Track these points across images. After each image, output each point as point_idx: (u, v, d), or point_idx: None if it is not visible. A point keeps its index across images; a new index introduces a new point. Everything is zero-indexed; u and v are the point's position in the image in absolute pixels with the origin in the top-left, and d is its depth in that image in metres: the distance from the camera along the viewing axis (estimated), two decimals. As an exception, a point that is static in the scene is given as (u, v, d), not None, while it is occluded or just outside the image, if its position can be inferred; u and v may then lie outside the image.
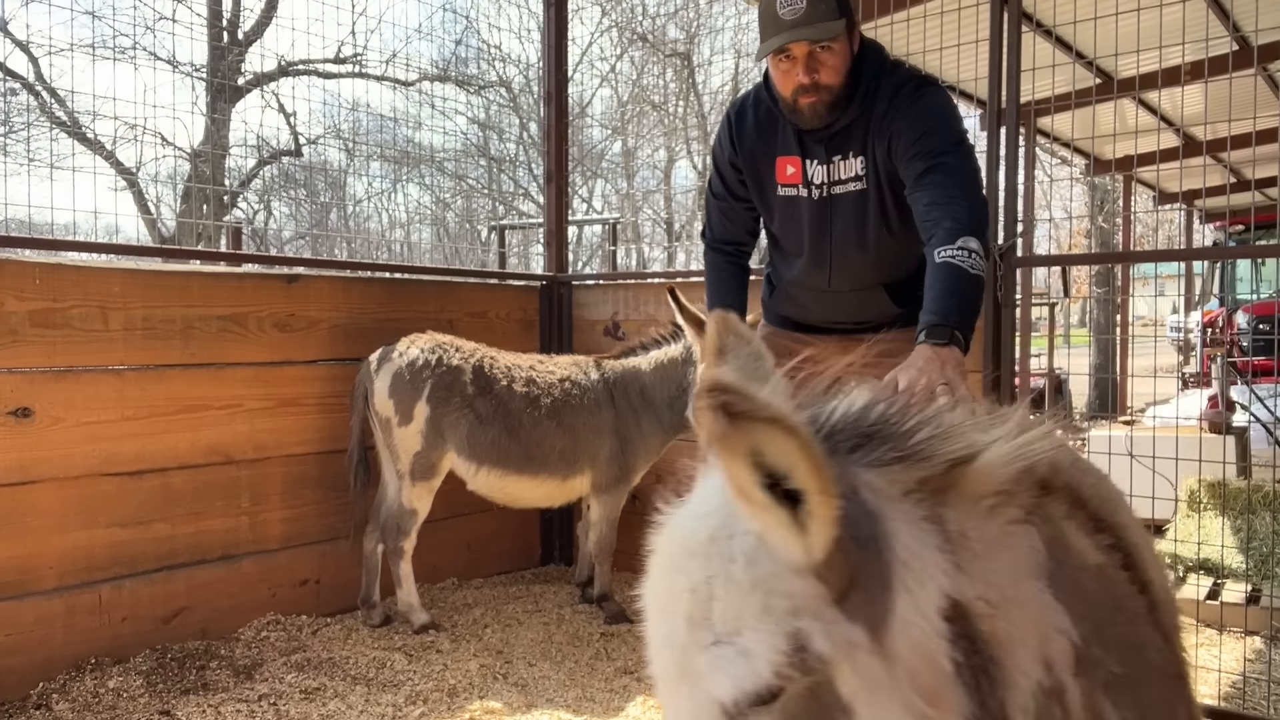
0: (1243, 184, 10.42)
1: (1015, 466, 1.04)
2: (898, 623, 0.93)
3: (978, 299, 2.09)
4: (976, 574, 0.98)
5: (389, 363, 3.52)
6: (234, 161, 12.40)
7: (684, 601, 0.93)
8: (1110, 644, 1.07)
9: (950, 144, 2.23)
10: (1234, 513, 4.45)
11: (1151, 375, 9.68)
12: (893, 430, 1.03)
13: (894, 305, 2.49)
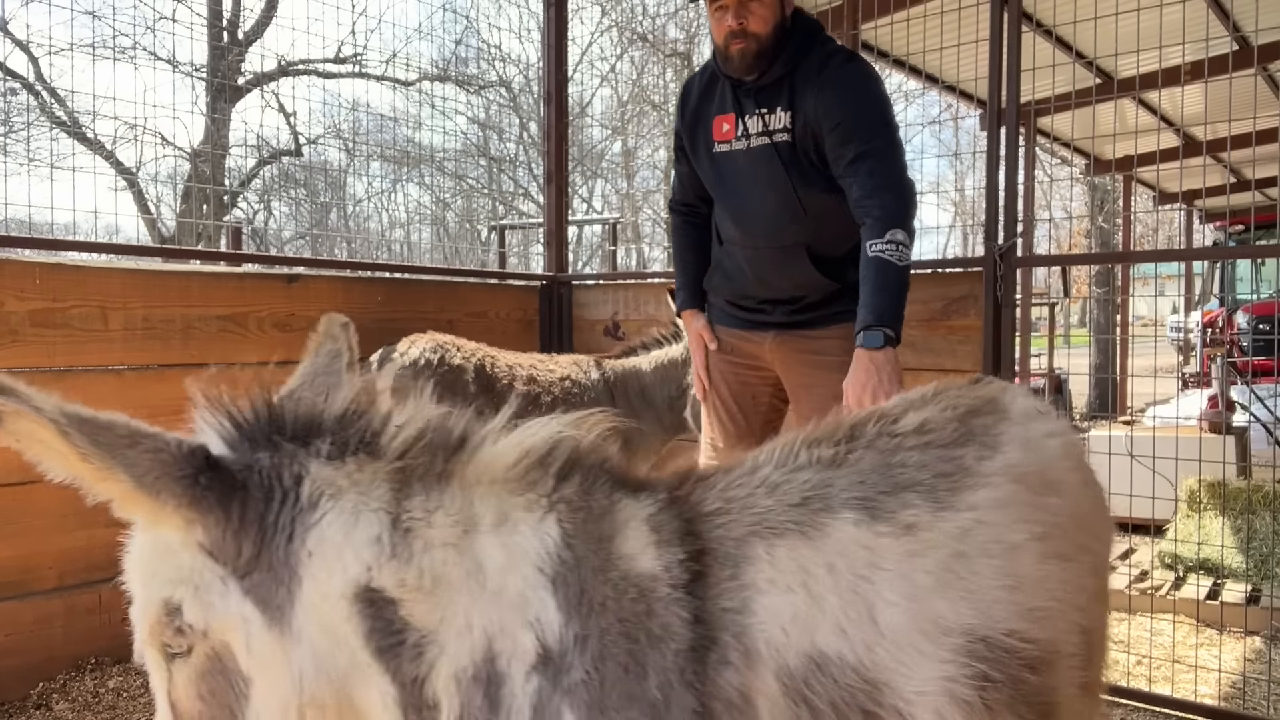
0: (1243, 184, 10.42)
1: (516, 459, 1.11)
2: (304, 605, 1.02)
3: (905, 286, 2.30)
4: (413, 562, 1.04)
5: (390, 363, 3.52)
6: (234, 161, 12.41)
7: (135, 563, 1.12)
8: (605, 659, 1.06)
9: (879, 128, 2.37)
10: (1234, 513, 4.45)
11: (1151, 375, 9.68)
12: (356, 427, 1.11)
13: (820, 275, 2.49)
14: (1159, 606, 3.74)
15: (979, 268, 3.22)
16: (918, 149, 19.73)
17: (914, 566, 1.16)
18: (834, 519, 1.18)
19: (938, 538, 1.19)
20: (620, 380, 3.76)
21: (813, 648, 1.09)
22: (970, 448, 1.31)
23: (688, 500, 1.20)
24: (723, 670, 1.07)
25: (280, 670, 1.04)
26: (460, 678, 1.05)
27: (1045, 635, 1.20)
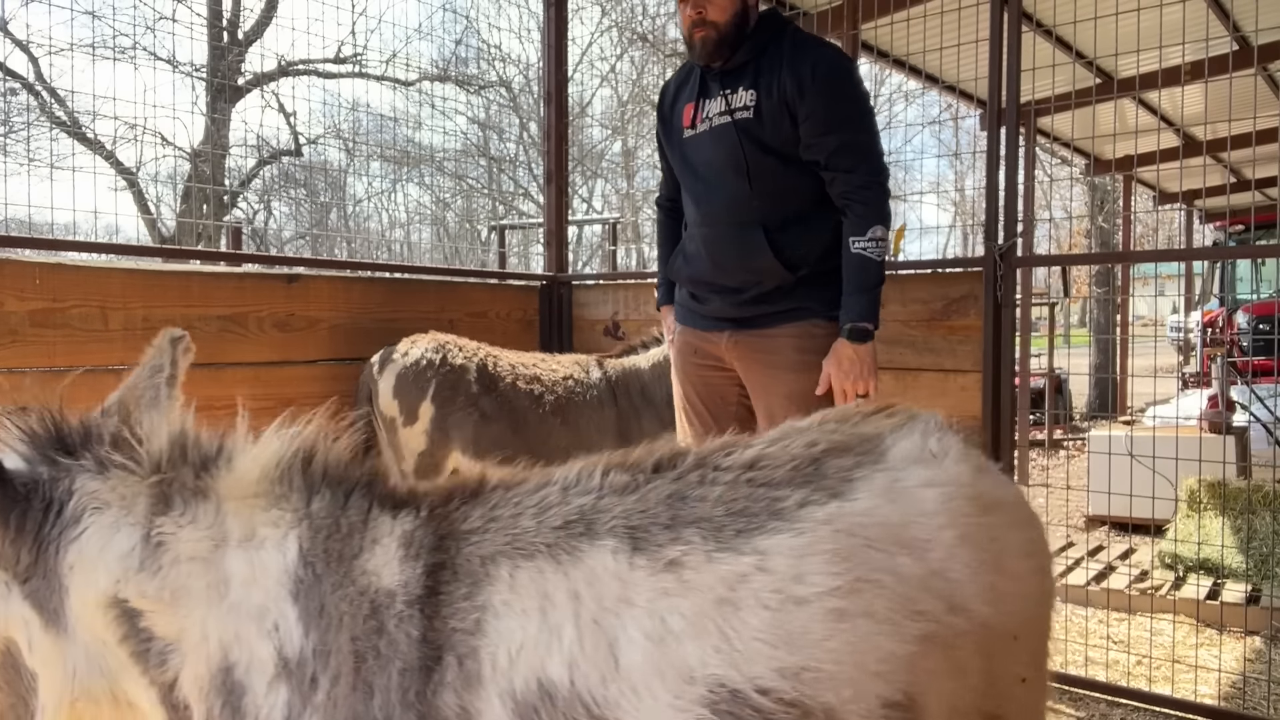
0: (1243, 184, 10.42)
1: (266, 474, 1.16)
2: (73, 611, 1.11)
3: (881, 281, 2.48)
4: (159, 575, 1.11)
5: (393, 363, 3.52)
6: (234, 161, 12.40)
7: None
8: (339, 677, 1.08)
9: (860, 120, 2.47)
10: (1234, 513, 4.45)
11: (1151, 375, 9.68)
12: (125, 441, 1.18)
13: (775, 259, 2.48)
14: (1159, 606, 3.74)
15: (979, 268, 3.22)
16: (918, 149, 19.73)
17: (667, 606, 1.10)
18: (591, 546, 1.14)
19: (704, 580, 1.12)
20: (621, 379, 3.76)
21: (544, 675, 1.06)
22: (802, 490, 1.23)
23: (448, 517, 1.19)
24: (443, 691, 1.06)
25: (57, 667, 1.13)
26: (201, 685, 1.11)
27: (814, 698, 1.10)
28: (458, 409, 3.49)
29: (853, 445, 1.33)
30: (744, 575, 1.13)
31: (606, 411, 3.70)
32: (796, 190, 2.49)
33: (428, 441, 3.48)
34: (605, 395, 3.72)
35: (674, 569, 1.12)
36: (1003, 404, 3.19)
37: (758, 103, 2.48)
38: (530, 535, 1.15)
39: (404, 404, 3.47)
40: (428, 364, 3.51)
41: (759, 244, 2.49)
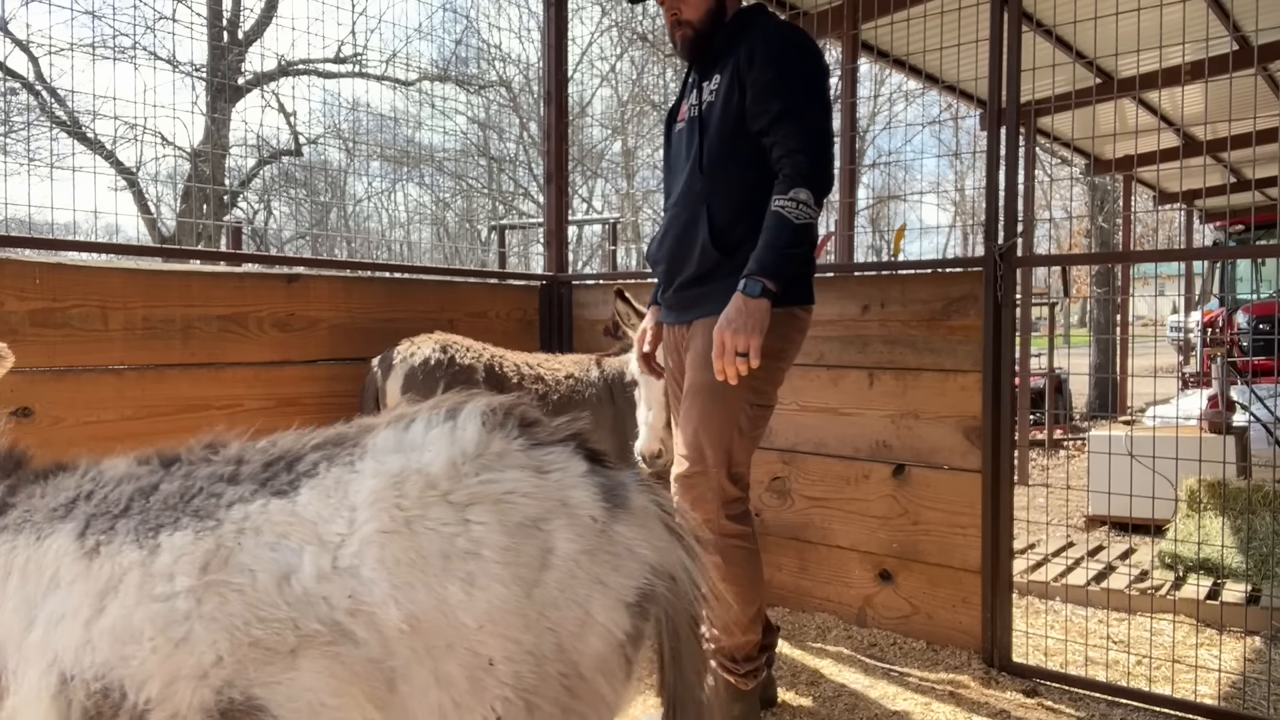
0: (1243, 184, 10.42)
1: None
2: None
3: (800, 245, 2.33)
4: None
5: (401, 363, 3.52)
6: (234, 161, 12.40)
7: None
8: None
9: (803, 88, 2.40)
10: (1234, 513, 4.45)
11: (1151, 375, 9.68)
12: None
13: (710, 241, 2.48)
14: (1159, 606, 3.74)
15: (979, 268, 3.23)
16: (918, 149, 19.73)
17: (77, 590, 1.18)
18: (58, 527, 1.25)
19: (104, 569, 1.20)
20: (618, 377, 3.74)
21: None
22: (248, 487, 1.25)
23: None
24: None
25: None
26: None
27: (136, 692, 1.14)
28: None
29: (346, 439, 1.33)
30: (128, 568, 1.18)
31: (605, 410, 3.68)
32: (743, 173, 2.47)
33: None
34: (604, 394, 3.70)
35: (92, 556, 1.19)
36: (1003, 404, 3.19)
37: (720, 87, 2.51)
38: (33, 513, 1.27)
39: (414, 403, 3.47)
40: (437, 363, 3.50)
41: (701, 223, 2.50)
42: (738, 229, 2.46)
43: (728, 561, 2.48)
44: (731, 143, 2.48)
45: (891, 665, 3.21)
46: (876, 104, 16.53)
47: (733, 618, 2.52)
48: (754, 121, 2.42)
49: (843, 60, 5.77)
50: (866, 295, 3.54)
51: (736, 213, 2.47)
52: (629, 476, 1.42)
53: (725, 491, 2.48)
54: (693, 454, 2.48)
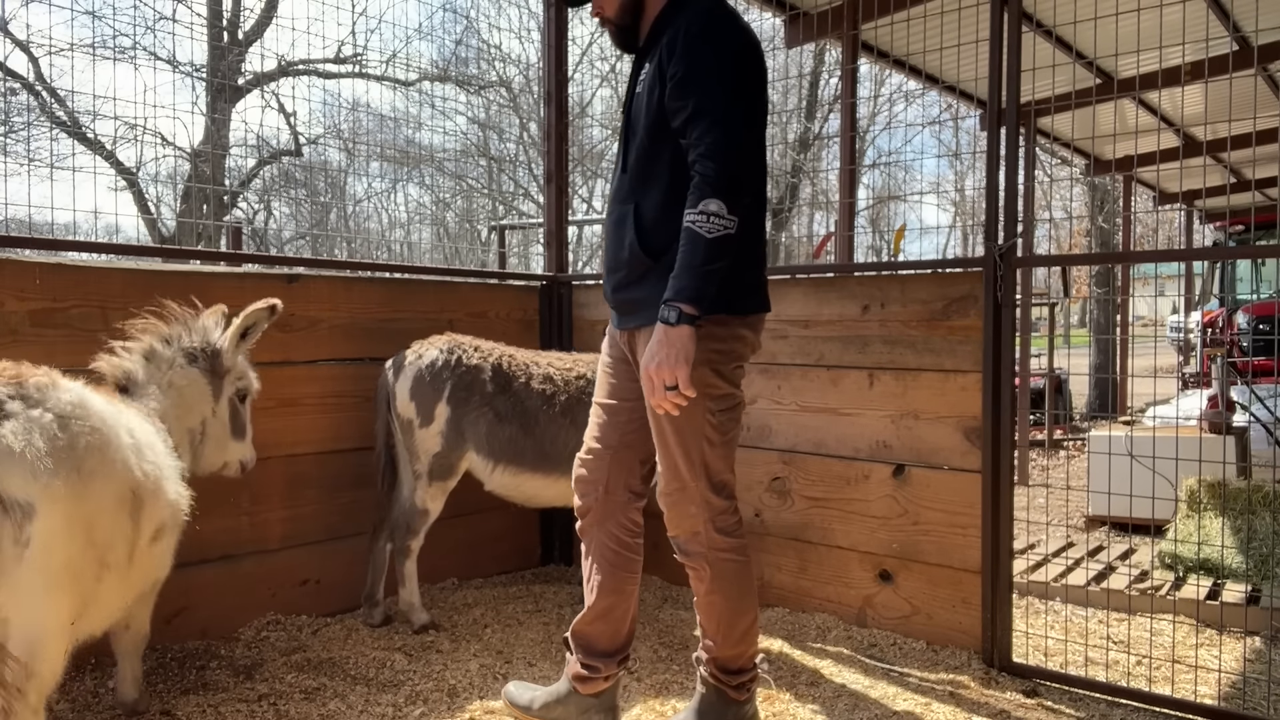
0: (1243, 184, 10.42)
1: None
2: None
3: (718, 260, 2.17)
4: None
5: (409, 365, 3.54)
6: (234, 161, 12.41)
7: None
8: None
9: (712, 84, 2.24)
10: (1234, 513, 4.45)
11: (1151, 375, 9.68)
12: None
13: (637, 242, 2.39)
14: (1159, 606, 3.74)
15: (979, 268, 3.23)
16: (917, 149, 19.74)
17: None
18: None
19: None
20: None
21: None
22: None
23: None
24: None
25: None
26: None
27: None
28: (472, 409, 3.48)
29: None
30: None
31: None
32: (665, 171, 2.34)
33: (442, 443, 3.48)
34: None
35: None
36: (1003, 404, 3.19)
37: (646, 81, 2.41)
38: None
39: (420, 405, 3.48)
40: (444, 364, 3.51)
41: (629, 225, 2.41)
42: (664, 231, 2.33)
43: (717, 575, 2.46)
44: (656, 140, 2.36)
45: (891, 665, 3.21)
46: (876, 104, 16.54)
47: (724, 630, 2.49)
48: (672, 119, 2.30)
49: (843, 60, 5.77)
50: (866, 295, 3.54)
51: (663, 214, 2.35)
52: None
53: (711, 504, 2.43)
54: (668, 472, 2.44)
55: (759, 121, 2.40)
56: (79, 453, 2.02)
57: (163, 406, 2.66)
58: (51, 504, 1.92)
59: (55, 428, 1.99)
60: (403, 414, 3.51)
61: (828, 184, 15.76)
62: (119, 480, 2.16)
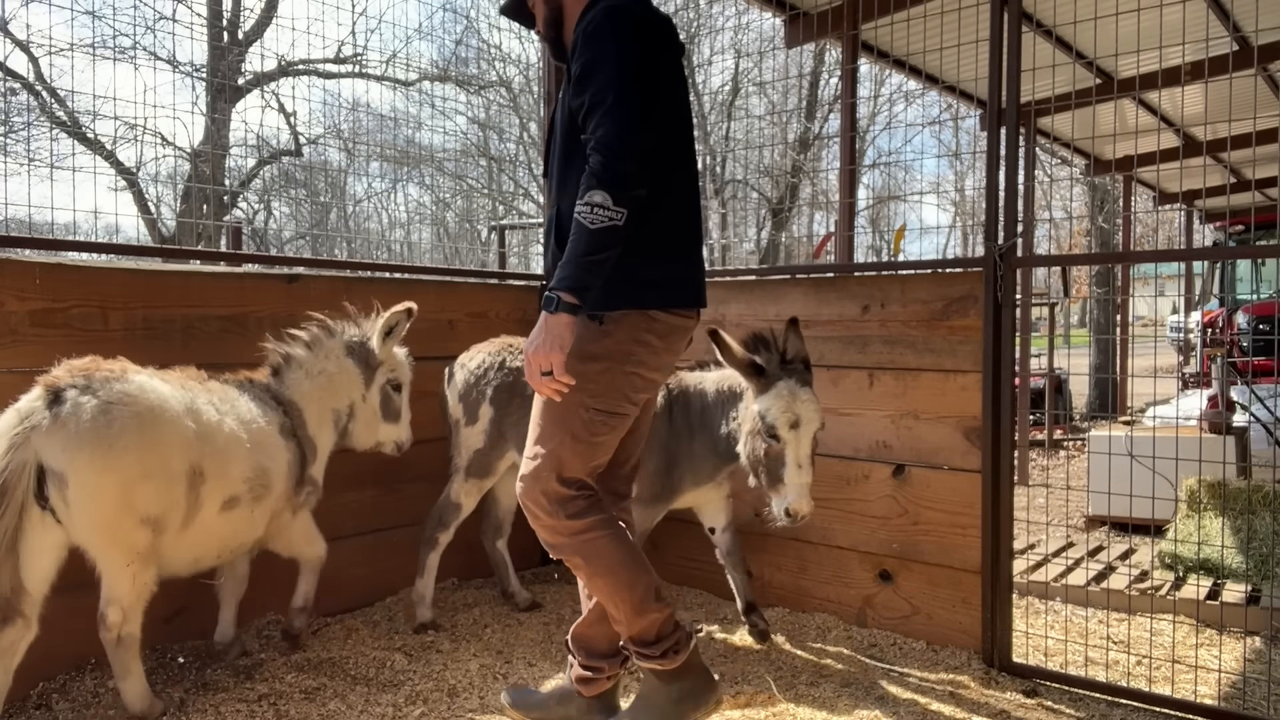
0: (1243, 184, 10.42)
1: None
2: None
3: (600, 250, 2.16)
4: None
5: (460, 369, 3.64)
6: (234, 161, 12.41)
7: None
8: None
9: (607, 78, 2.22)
10: (1234, 513, 4.45)
11: (1151, 375, 9.67)
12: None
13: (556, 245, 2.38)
14: (1159, 606, 3.74)
15: (979, 268, 3.23)
16: (917, 149, 19.74)
17: None
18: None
19: None
20: (682, 394, 3.35)
21: None
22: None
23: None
24: None
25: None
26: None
27: None
28: (514, 411, 3.48)
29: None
30: None
31: (658, 425, 3.25)
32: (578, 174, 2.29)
33: (485, 440, 3.55)
34: (661, 408, 3.28)
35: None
36: (1003, 404, 3.19)
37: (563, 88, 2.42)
38: None
39: (467, 406, 3.57)
40: (490, 366, 3.57)
41: (553, 228, 2.43)
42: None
43: (589, 556, 2.39)
44: (570, 144, 2.36)
45: (891, 665, 3.21)
46: (876, 104, 16.55)
47: (623, 606, 2.41)
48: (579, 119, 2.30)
49: (843, 60, 5.77)
50: (866, 295, 3.54)
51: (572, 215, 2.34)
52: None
53: (557, 493, 2.36)
54: (529, 455, 2.42)
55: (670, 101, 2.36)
56: (112, 433, 2.44)
57: (307, 388, 3.13)
58: (79, 473, 2.40)
59: (95, 412, 2.43)
60: (453, 414, 3.62)
61: (828, 184, 15.76)
62: (161, 457, 2.55)
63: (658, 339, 2.37)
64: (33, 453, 2.39)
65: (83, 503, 2.43)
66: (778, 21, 5.92)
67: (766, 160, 15.79)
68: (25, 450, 2.38)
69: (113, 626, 2.59)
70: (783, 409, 2.81)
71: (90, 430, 2.42)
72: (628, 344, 2.34)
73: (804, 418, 2.82)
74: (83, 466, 2.41)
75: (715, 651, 3.32)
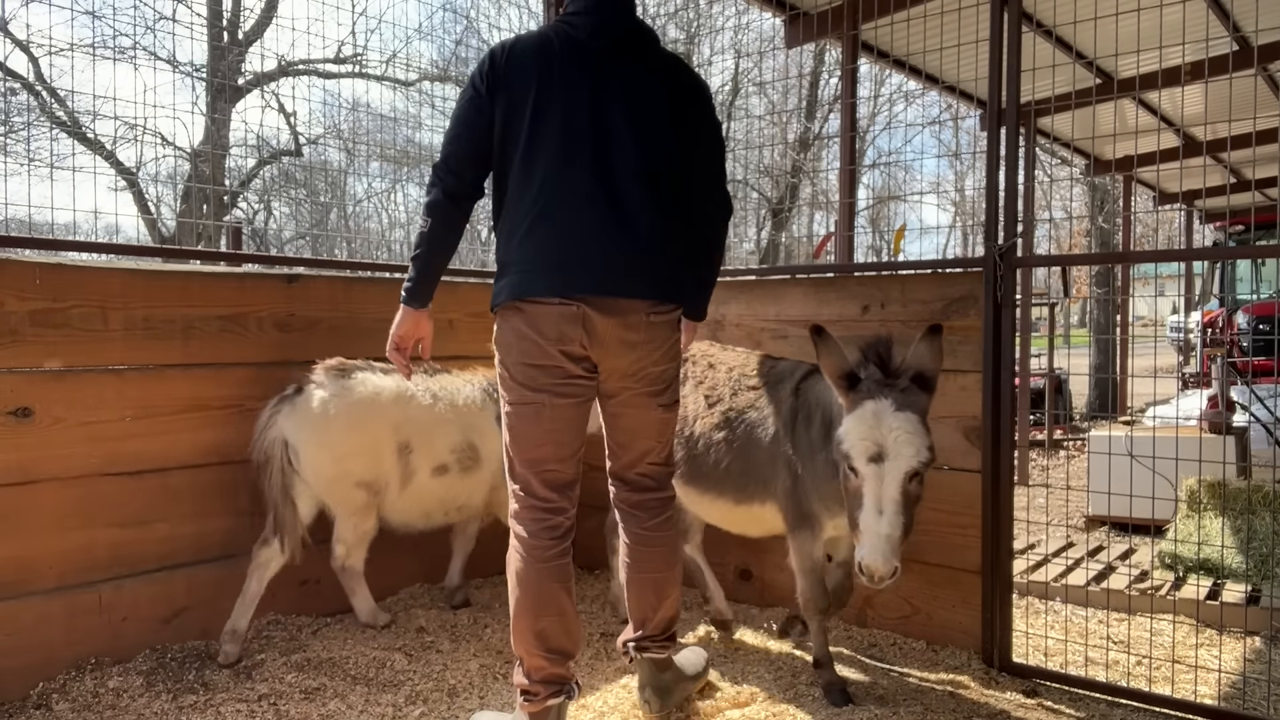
0: (1243, 184, 10.42)
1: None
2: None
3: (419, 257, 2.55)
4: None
5: None
6: (234, 161, 12.41)
7: None
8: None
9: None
10: (1234, 513, 4.45)
11: (1151, 375, 9.67)
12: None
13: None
14: (1159, 606, 3.74)
15: (979, 268, 3.23)
16: (917, 149, 19.73)
17: None
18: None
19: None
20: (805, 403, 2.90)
21: None
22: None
23: None
24: None
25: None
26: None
27: None
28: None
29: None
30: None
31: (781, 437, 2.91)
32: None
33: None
34: (784, 417, 2.92)
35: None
36: (1003, 404, 3.19)
37: None
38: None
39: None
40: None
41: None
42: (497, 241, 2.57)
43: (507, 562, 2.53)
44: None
45: (891, 665, 3.21)
46: (876, 104, 16.55)
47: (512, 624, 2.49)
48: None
49: (843, 60, 5.77)
50: (866, 295, 3.54)
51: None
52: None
53: (511, 492, 2.55)
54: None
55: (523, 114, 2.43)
56: (328, 419, 3.22)
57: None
58: (305, 447, 3.22)
59: (319, 403, 3.24)
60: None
61: (828, 184, 15.75)
62: (369, 436, 3.30)
63: (528, 328, 2.42)
64: (279, 430, 3.20)
65: (309, 469, 3.23)
66: (778, 21, 5.92)
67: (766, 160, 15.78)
68: (275, 429, 3.21)
69: (339, 558, 3.41)
70: (861, 436, 2.34)
71: (313, 416, 3.21)
72: (508, 336, 2.48)
73: (890, 450, 2.31)
74: (307, 442, 3.21)
75: (715, 652, 3.32)
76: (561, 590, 2.46)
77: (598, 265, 2.41)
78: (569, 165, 2.41)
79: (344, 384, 3.30)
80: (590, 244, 2.42)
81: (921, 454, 2.33)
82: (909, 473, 2.33)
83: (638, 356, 2.51)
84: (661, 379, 2.61)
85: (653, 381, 2.58)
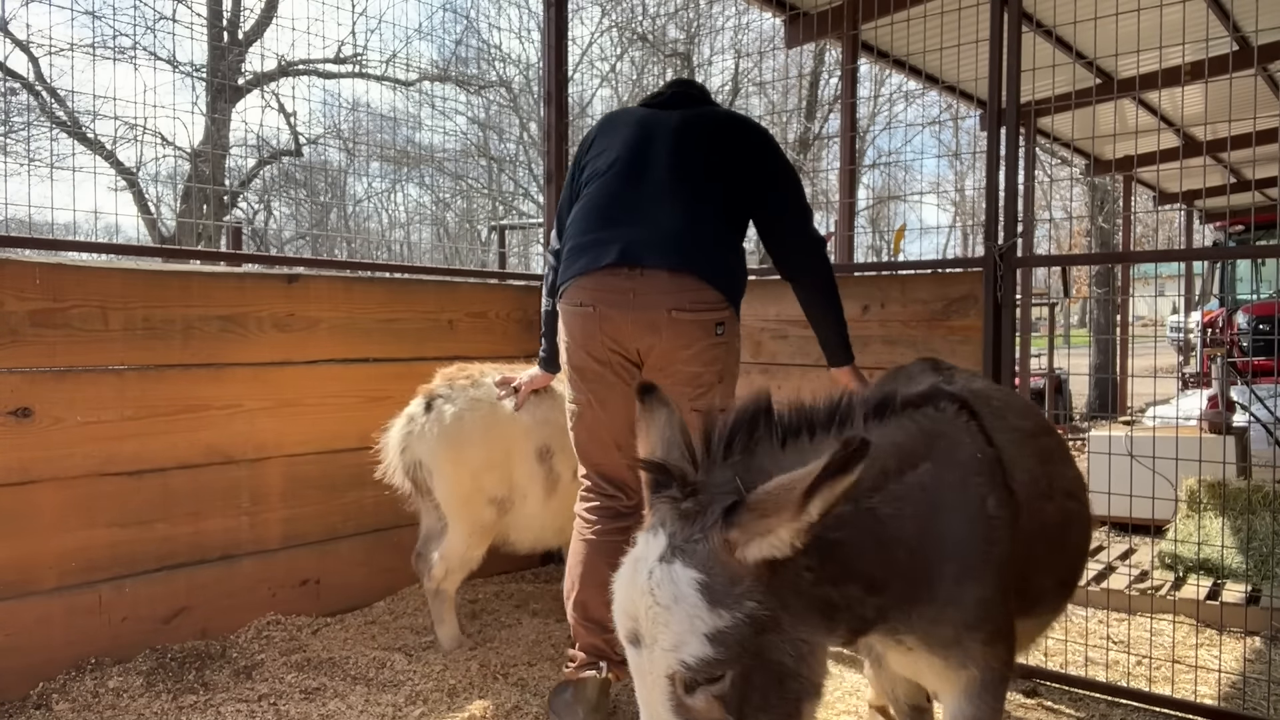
0: (1243, 184, 10.42)
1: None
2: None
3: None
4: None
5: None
6: (234, 161, 12.40)
7: None
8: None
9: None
10: (1234, 513, 4.45)
11: (1151, 375, 9.66)
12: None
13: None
14: (1159, 606, 3.74)
15: (979, 268, 3.22)
16: (918, 149, 19.74)
17: None
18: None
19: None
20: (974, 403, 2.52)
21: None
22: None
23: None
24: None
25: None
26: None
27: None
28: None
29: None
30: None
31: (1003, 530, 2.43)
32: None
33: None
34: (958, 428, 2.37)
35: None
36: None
37: None
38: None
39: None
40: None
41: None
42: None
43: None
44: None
45: (891, 665, 3.20)
46: (876, 104, 16.53)
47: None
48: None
49: (843, 60, 5.77)
50: (866, 295, 3.54)
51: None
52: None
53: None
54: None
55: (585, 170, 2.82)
56: (464, 433, 3.12)
57: None
58: (440, 464, 3.13)
59: (452, 418, 3.13)
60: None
61: (828, 184, 15.75)
62: (504, 448, 3.19)
63: (564, 331, 2.69)
64: (414, 453, 3.16)
65: (444, 488, 3.16)
66: (778, 21, 5.92)
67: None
68: (410, 453, 3.17)
69: (435, 579, 3.24)
70: (617, 599, 1.43)
71: (448, 433, 3.12)
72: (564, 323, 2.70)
73: (644, 631, 1.34)
74: (443, 461, 3.13)
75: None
76: (607, 566, 2.37)
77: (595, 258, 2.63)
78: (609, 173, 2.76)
79: (474, 394, 3.22)
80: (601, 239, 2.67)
81: (686, 648, 1.27)
82: (670, 675, 1.30)
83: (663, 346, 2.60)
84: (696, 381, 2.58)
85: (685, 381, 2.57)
